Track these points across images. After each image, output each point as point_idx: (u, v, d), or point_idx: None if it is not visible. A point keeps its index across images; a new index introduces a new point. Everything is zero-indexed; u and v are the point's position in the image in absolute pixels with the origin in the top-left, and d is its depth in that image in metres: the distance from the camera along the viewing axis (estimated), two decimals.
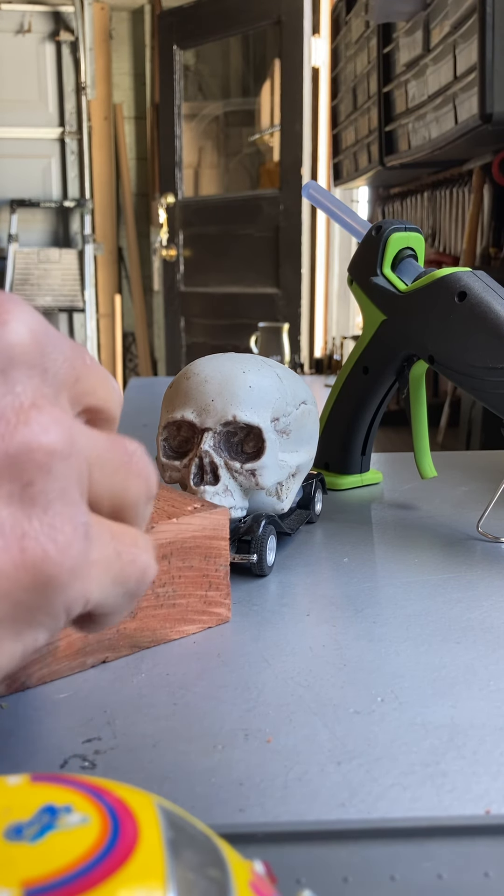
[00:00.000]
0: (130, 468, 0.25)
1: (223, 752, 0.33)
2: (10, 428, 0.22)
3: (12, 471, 0.22)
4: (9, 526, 0.22)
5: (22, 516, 0.22)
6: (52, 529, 0.23)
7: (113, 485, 0.25)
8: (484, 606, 0.48)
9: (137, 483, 0.26)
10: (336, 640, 0.44)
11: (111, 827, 0.18)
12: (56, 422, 0.23)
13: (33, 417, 0.23)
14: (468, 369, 0.59)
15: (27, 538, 0.22)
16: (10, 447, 0.22)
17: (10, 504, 0.22)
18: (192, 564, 0.44)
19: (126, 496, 0.26)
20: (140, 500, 0.26)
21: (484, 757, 0.33)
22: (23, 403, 0.23)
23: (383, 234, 0.67)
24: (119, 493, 0.25)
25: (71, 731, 0.35)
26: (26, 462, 0.22)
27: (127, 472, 0.25)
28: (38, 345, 0.24)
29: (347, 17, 3.22)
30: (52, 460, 0.23)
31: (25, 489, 0.22)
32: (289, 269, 3.77)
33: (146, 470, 0.26)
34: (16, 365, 0.23)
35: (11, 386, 0.23)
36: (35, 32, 4.25)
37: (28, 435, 0.22)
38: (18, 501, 0.22)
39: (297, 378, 0.57)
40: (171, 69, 4.08)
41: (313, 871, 0.28)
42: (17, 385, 0.23)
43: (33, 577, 0.22)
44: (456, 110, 2.12)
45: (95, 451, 0.24)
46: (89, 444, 0.24)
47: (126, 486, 0.25)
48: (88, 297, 4.23)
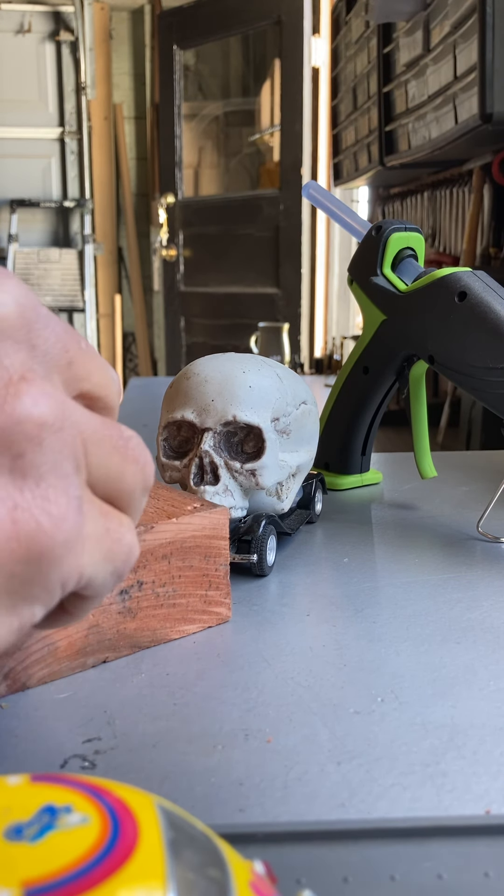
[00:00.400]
0: (126, 453, 0.25)
1: (223, 752, 0.33)
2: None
3: (2, 443, 0.22)
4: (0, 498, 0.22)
5: (13, 488, 0.22)
6: (46, 501, 0.22)
7: (108, 468, 0.25)
8: (484, 606, 0.48)
9: (133, 470, 0.25)
10: (336, 640, 0.44)
11: (111, 827, 0.18)
12: (46, 394, 0.22)
13: (23, 390, 0.22)
14: (468, 369, 0.59)
15: (19, 510, 0.22)
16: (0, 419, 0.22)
17: (1, 476, 0.22)
18: (192, 564, 0.44)
19: (122, 482, 0.25)
20: (136, 487, 0.26)
21: (484, 757, 0.33)
22: (11, 376, 0.22)
23: (383, 234, 0.67)
24: (114, 478, 0.25)
25: (71, 731, 0.35)
26: (16, 434, 0.22)
27: (123, 456, 0.25)
28: (25, 319, 0.23)
29: (347, 17, 3.22)
30: (42, 432, 0.22)
31: (16, 461, 0.22)
32: (289, 269, 3.77)
33: (142, 457, 0.26)
34: (2, 337, 0.23)
35: (0, 357, 0.22)
36: (35, 32, 4.25)
37: (17, 407, 0.22)
38: (9, 474, 0.22)
39: (297, 378, 0.57)
40: (171, 69, 4.08)
41: (313, 871, 0.28)
42: (5, 358, 0.22)
43: (27, 549, 0.22)
44: (456, 110, 2.12)
45: (90, 428, 0.24)
46: (83, 421, 0.24)
47: (122, 471, 0.25)
48: (88, 297, 4.23)
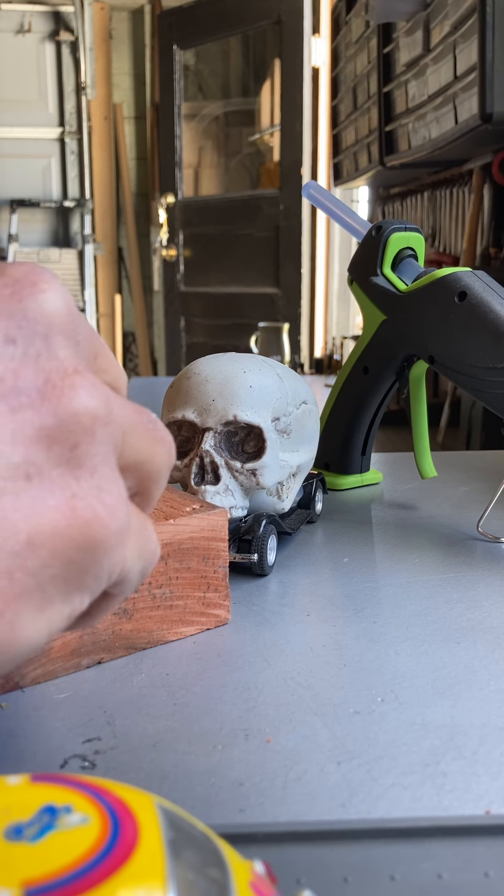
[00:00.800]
0: (155, 434, 0.26)
1: (223, 752, 0.33)
2: (57, 392, 0.23)
3: (60, 433, 0.22)
4: (59, 486, 0.22)
5: (70, 478, 0.23)
6: (101, 491, 0.23)
7: (142, 451, 0.26)
8: (484, 606, 0.48)
9: (161, 450, 0.26)
10: (336, 640, 0.44)
11: (111, 827, 0.18)
12: (97, 387, 0.23)
13: (78, 382, 0.23)
14: (468, 369, 0.59)
15: (77, 498, 0.22)
16: (58, 410, 0.22)
17: (59, 465, 0.22)
18: (191, 566, 0.44)
19: (153, 462, 0.26)
20: (164, 466, 0.27)
21: (484, 757, 0.33)
22: (66, 369, 0.23)
23: (383, 234, 0.67)
24: (147, 460, 0.26)
25: (71, 731, 0.35)
26: (73, 425, 0.23)
27: (153, 438, 0.26)
28: (72, 316, 0.24)
29: (347, 17, 3.22)
30: (95, 424, 0.23)
31: (73, 451, 0.23)
32: (289, 269, 3.77)
33: (167, 437, 0.27)
34: (55, 332, 0.23)
35: (54, 351, 0.23)
36: (35, 32, 4.25)
37: (74, 399, 0.23)
38: (66, 464, 0.23)
39: (297, 378, 0.57)
40: (171, 69, 4.09)
41: (313, 871, 0.28)
42: (60, 351, 0.23)
43: (84, 536, 0.23)
44: (456, 110, 2.12)
45: (128, 416, 0.25)
46: (122, 412, 0.24)
47: (153, 452, 0.26)
48: (88, 296, 4.23)
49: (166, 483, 0.28)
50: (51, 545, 0.22)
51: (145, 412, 0.26)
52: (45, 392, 0.22)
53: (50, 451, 0.22)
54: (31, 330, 0.23)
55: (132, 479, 0.26)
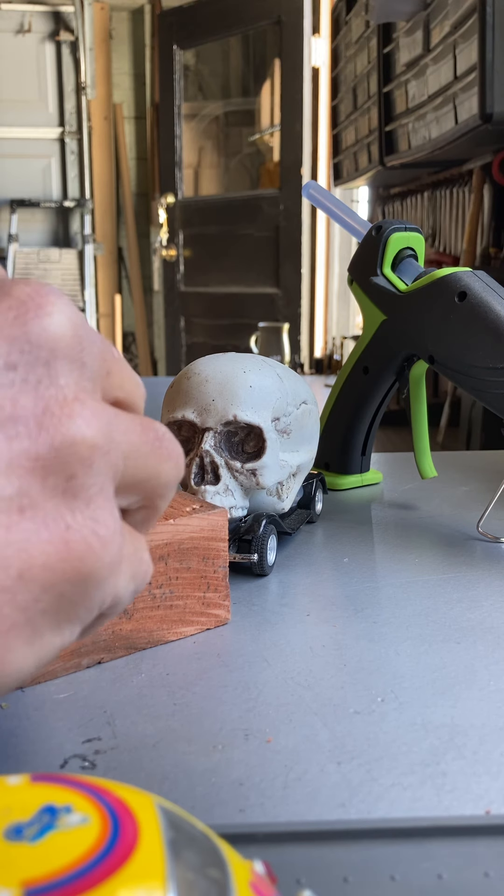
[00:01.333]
0: (161, 452, 0.26)
1: (223, 752, 0.33)
2: (55, 421, 0.22)
3: (57, 464, 0.22)
4: (53, 518, 0.22)
5: (65, 509, 0.22)
6: (95, 523, 0.23)
7: (147, 469, 0.25)
8: (484, 606, 0.48)
9: (168, 466, 0.26)
10: (336, 640, 0.44)
11: (111, 827, 0.18)
12: (96, 416, 0.23)
13: (77, 411, 0.23)
14: (468, 369, 0.59)
15: (71, 531, 0.22)
16: (55, 440, 0.22)
17: (53, 496, 0.22)
18: (190, 566, 0.44)
19: (159, 479, 0.26)
20: (172, 481, 0.27)
21: (484, 757, 0.33)
22: (66, 396, 0.23)
23: (383, 234, 0.67)
24: (153, 477, 0.26)
25: (71, 731, 0.35)
26: (70, 455, 0.22)
27: (158, 456, 0.26)
28: (78, 338, 0.24)
29: (347, 17, 3.23)
30: (93, 455, 0.23)
31: (69, 482, 0.22)
32: (289, 269, 3.77)
33: (175, 452, 0.26)
34: (58, 357, 0.23)
35: (55, 378, 0.23)
36: (35, 32, 4.25)
37: (72, 428, 0.22)
38: (62, 494, 0.22)
39: (297, 378, 0.57)
40: (171, 69, 4.09)
41: (313, 871, 0.28)
42: (61, 377, 0.23)
43: (76, 570, 0.22)
44: (456, 110, 2.12)
45: (130, 440, 0.24)
46: (125, 437, 0.24)
47: (158, 470, 0.26)
48: (88, 297, 4.23)
49: (173, 495, 0.28)
50: (42, 579, 0.22)
51: (153, 428, 0.26)
52: (42, 421, 0.22)
53: (45, 482, 0.22)
54: (34, 356, 0.23)
55: (138, 494, 0.26)
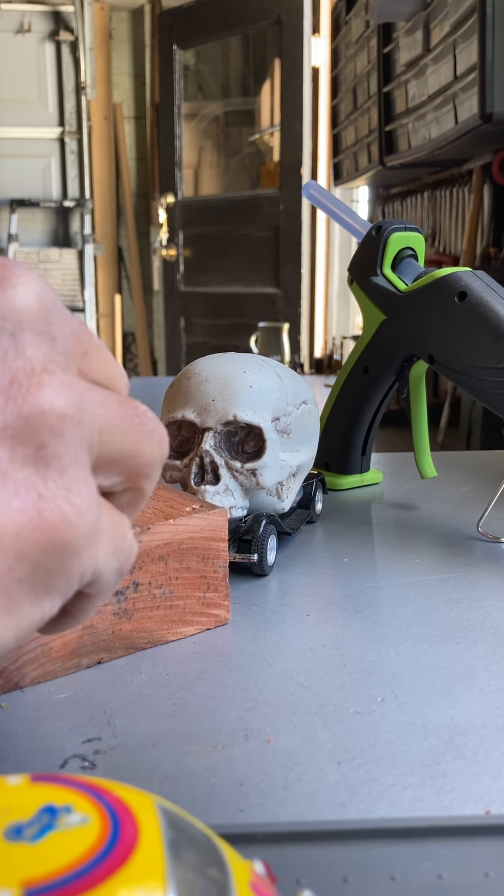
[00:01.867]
0: (143, 429, 0.25)
1: (223, 752, 0.33)
2: (23, 391, 0.22)
3: (26, 433, 0.22)
4: (24, 488, 0.22)
5: (37, 479, 0.22)
6: (69, 492, 0.23)
7: (126, 446, 0.25)
8: (484, 606, 0.48)
9: (151, 444, 0.26)
10: (336, 640, 0.44)
11: (111, 827, 0.18)
12: (67, 386, 0.23)
13: (45, 381, 0.22)
14: (468, 369, 0.59)
15: (44, 500, 0.22)
16: (24, 409, 0.22)
17: (24, 466, 0.22)
18: (190, 566, 0.44)
19: (140, 457, 0.26)
20: (154, 460, 0.26)
21: (484, 757, 0.33)
22: (34, 367, 0.23)
23: (383, 234, 0.67)
24: (133, 454, 0.26)
25: (71, 731, 0.35)
26: (39, 425, 0.22)
27: (139, 432, 0.25)
28: (45, 311, 0.23)
29: (347, 17, 3.23)
30: (63, 424, 0.22)
31: (39, 452, 0.22)
32: (289, 269, 3.77)
33: (158, 430, 0.26)
34: (24, 329, 0.23)
35: (22, 349, 0.23)
36: (35, 32, 4.25)
37: (41, 398, 0.22)
38: (33, 464, 0.22)
39: (297, 378, 0.57)
40: (171, 69, 4.09)
41: (313, 871, 0.28)
42: (28, 349, 0.23)
43: (51, 539, 0.22)
44: (456, 110, 2.12)
45: (107, 413, 0.24)
46: (100, 409, 0.24)
47: (140, 447, 0.26)
48: (88, 296, 4.23)
49: (158, 477, 0.27)
50: (16, 548, 0.22)
51: (132, 406, 0.25)
52: (9, 392, 0.22)
53: (14, 452, 0.22)
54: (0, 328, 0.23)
55: (119, 474, 0.26)
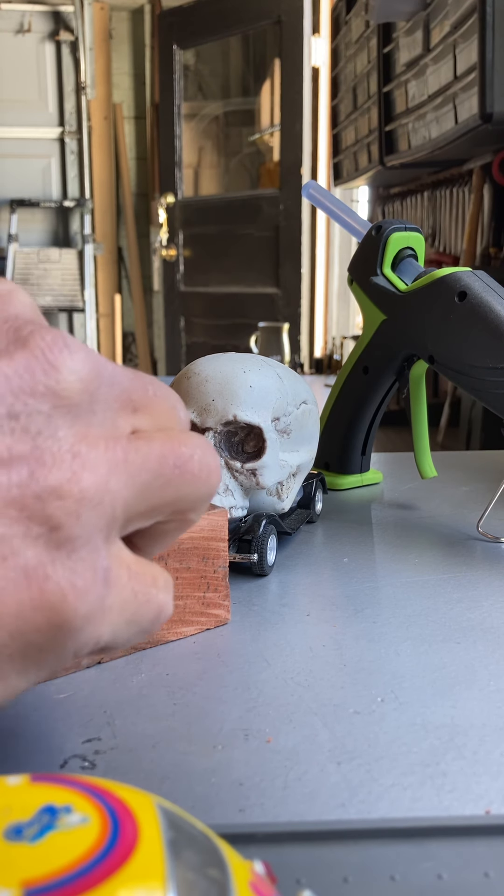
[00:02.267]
0: (184, 478, 0.26)
1: (223, 752, 0.33)
2: (45, 471, 0.23)
3: (42, 514, 0.22)
4: (32, 567, 0.22)
5: (46, 559, 0.23)
6: (73, 574, 0.23)
7: (166, 496, 0.26)
8: (484, 606, 0.48)
9: (195, 487, 0.26)
10: (336, 640, 0.44)
11: (111, 827, 0.18)
12: (90, 468, 0.23)
13: (68, 463, 0.23)
14: (468, 369, 0.59)
15: (48, 581, 0.22)
16: (43, 490, 0.22)
17: (35, 545, 0.22)
18: (190, 566, 0.44)
19: (184, 501, 0.26)
20: (200, 499, 0.27)
21: (484, 757, 0.33)
22: (61, 448, 0.23)
23: (383, 234, 0.67)
24: (175, 501, 0.26)
25: (71, 731, 0.35)
26: (56, 508, 0.23)
27: (179, 483, 0.26)
28: (88, 392, 0.24)
29: (347, 17, 3.22)
30: (81, 507, 0.23)
31: (53, 533, 0.23)
32: (289, 269, 3.77)
33: (204, 469, 0.26)
34: (61, 409, 0.23)
35: (55, 430, 0.23)
36: (35, 32, 4.25)
37: (61, 480, 0.23)
38: (44, 544, 0.23)
39: (297, 378, 0.57)
40: (171, 69, 4.09)
41: (313, 871, 0.28)
42: (60, 430, 0.23)
43: (48, 619, 0.23)
44: (456, 110, 2.12)
45: (143, 476, 0.25)
46: (131, 479, 0.24)
47: (181, 493, 0.26)
48: (88, 296, 4.23)
49: (207, 507, 0.28)
50: (13, 626, 0.22)
51: (173, 456, 0.25)
52: (34, 471, 0.22)
53: (29, 531, 0.22)
54: (37, 407, 0.23)
55: (162, 515, 0.26)
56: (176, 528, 0.28)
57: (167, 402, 0.27)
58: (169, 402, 0.27)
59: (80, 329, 4.40)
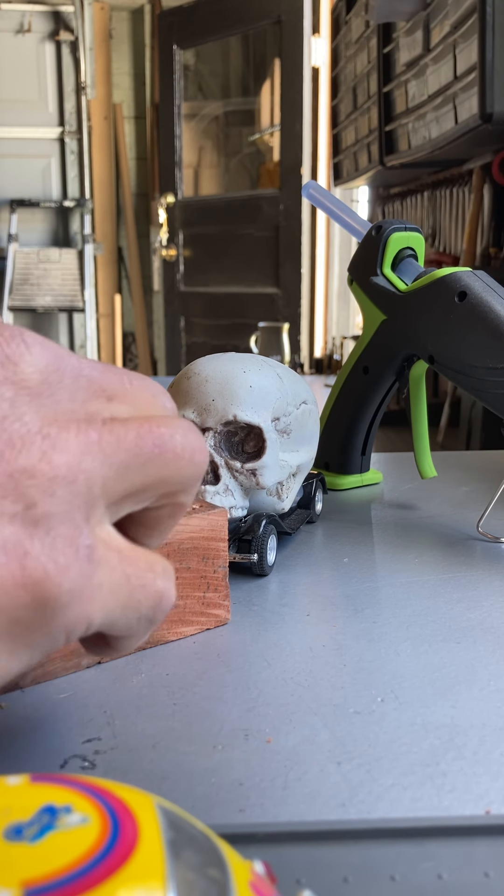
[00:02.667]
0: (165, 457, 0.26)
1: (223, 752, 0.33)
2: (15, 452, 0.23)
3: (16, 493, 0.23)
4: (11, 544, 0.23)
5: (24, 535, 0.23)
6: (53, 550, 0.23)
7: (149, 476, 0.26)
8: (484, 606, 0.48)
9: (178, 466, 0.26)
10: (336, 640, 0.44)
11: (111, 827, 0.18)
12: (60, 447, 0.23)
13: (38, 444, 0.23)
14: (468, 369, 0.59)
15: (29, 557, 0.23)
16: (14, 470, 0.23)
17: (12, 523, 0.23)
18: (190, 566, 0.44)
19: (169, 481, 0.26)
20: (186, 478, 0.27)
21: (484, 757, 0.33)
22: (30, 430, 0.23)
23: (383, 234, 0.67)
24: (159, 481, 0.26)
25: (71, 731, 0.35)
26: (29, 486, 0.23)
27: (161, 462, 0.26)
28: (47, 382, 0.25)
29: (347, 17, 3.22)
30: (54, 485, 0.23)
31: (28, 510, 0.23)
32: (289, 269, 3.77)
33: (188, 448, 0.26)
34: (23, 395, 0.24)
35: (20, 414, 0.24)
36: (35, 32, 4.25)
37: (32, 460, 0.23)
38: (21, 522, 0.23)
39: (297, 378, 0.57)
40: (171, 69, 4.09)
41: (313, 871, 0.28)
42: (26, 414, 0.24)
43: (32, 595, 0.23)
44: (456, 110, 2.12)
45: (116, 459, 0.25)
46: (108, 457, 0.24)
47: (164, 473, 0.26)
48: (88, 297, 4.23)
49: (198, 488, 0.28)
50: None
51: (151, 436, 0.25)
52: (3, 453, 0.23)
53: (3, 509, 0.23)
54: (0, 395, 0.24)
55: (150, 498, 0.26)
56: (170, 514, 0.28)
57: (147, 391, 0.27)
58: (150, 391, 0.27)
59: (81, 329, 4.40)
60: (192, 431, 0.27)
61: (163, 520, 0.28)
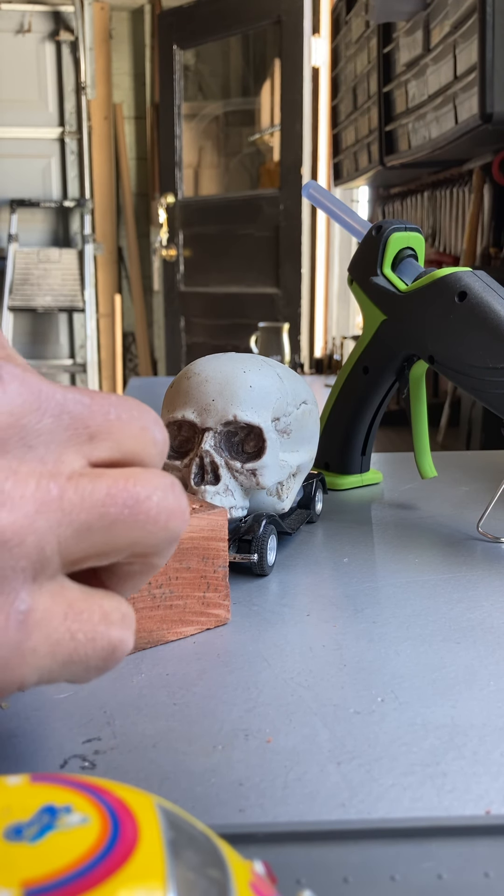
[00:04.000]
0: (136, 519, 0.24)
1: (223, 752, 0.33)
2: None
3: None
4: None
5: None
6: None
7: (115, 538, 0.24)
8: (484, 606, 0.48)
9: (152, 530, 0.25)
10: (336, 640, 0.44)
11: (111, 827, 0.18)
12: (11, 507, 0.22)
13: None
14: (468, 369, 0.59)
15: None
16: None
17: None
18: (190, 566, 0.44)
19: (139, 545, 0.25)
20: (158, 543, 0.25)
21: (484, 757, 0.33)
22: None
23: (383, 234, 0.67)
24: (128, 544, 0.25)
25: (71, 731, 0.35)
26: None
27: (131, 524, 0.24)
28: (18, 425, 0.23)
29: (347, 17, 3.22)
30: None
31: None
32: (289, 269, 3.77)
33: (160, 516, 0.25)
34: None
35: None
36: (35, 32, 4.25)
37: None
38: None
39: (297, 378, 0.57)
40: (171, 69, 4.09)
41: (313, 871, 0.28)
42: None
43: None
44: (456, 110, 2.12)
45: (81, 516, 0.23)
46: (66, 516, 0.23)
47: (134, 536, 0.24)
48: (88, 297, 4.23)
49: (171, 553, 0.26)
50: None
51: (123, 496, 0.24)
52: None
53: None
54: None
55: (119, 557, 0.25)
56: (140, 572, 0.26)
57: (135, 424, 0.25)
58: (139, 423, 0.25)
59: (81, 329, 4.40)
60: (173, 491, 0.25)
61: (134, 575, 0.26)
